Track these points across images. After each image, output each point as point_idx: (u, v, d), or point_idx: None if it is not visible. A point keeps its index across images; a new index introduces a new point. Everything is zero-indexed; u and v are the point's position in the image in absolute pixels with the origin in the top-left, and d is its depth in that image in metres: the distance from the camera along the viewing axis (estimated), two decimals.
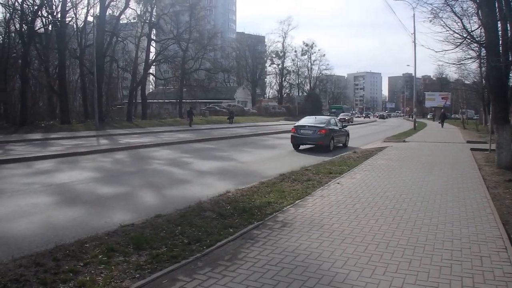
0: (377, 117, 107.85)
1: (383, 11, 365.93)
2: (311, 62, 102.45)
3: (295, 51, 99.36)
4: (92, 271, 4.63)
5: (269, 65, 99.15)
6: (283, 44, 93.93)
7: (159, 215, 6.86)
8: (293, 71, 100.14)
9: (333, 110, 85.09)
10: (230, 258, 5.02)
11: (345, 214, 7.07)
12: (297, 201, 7.97)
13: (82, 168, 13.66)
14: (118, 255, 5.10)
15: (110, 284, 4.29)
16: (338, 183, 10.11)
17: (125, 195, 9.41)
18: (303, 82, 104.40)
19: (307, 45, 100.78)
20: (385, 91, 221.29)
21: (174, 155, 17.27)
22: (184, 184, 10.86)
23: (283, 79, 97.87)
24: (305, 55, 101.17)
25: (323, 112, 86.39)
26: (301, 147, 19.73)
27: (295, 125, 19.98)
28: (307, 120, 20.67)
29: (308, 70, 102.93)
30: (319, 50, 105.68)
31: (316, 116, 22.84)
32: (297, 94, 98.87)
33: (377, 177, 11.00)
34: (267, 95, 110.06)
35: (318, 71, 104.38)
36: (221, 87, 77.48)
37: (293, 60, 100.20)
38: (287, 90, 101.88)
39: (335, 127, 20.52)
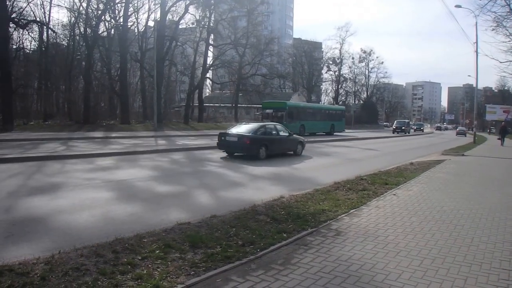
0: (435, 128, 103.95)
1: (444, 18, 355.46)
2: (368, 70, 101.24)
3: (353, 58, 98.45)
4: (149, 265, 4.76)
5: (326, 72, 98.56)
6: (340, 50, 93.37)
7: (215, 215, 6.97)
8: (350, 78, 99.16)
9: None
10: (283, 263, 5.03)
11: (400, 227, 6.91)
12: (351, 210, 7.87)
13: (140, 166, 14.14)
14: (174, 251, 5.22)
15: (166, 279, 4.39)
16: (394, 194, 9.90)
17: (181, 194, 9.67)
18: (359, 90, 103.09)
19: (365, 52, 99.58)
20: (444, 102, 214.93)
21: (228, 158, 17.45)
22: (237, 187, 10.98)
23: (339, 86, 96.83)
24: (362, 62, 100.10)
25: (379, 122, 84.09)
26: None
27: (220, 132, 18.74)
28: (237, 128, 18.62)
29: (365, 77, 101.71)
30: (377, 57, 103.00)
31: (249, 123, 20.57)
32: (353, 102, 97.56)
33: (434, 190, 10.67)
34: (322, 102, 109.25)
35: (376, 79, 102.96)
36: (277, 92, 77.57)
37: (350, 67, 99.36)
38: (343, 98, 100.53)
39: (274, 136, 18.68)
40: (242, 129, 18.14)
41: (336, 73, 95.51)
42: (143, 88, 52.21)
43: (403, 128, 61.35)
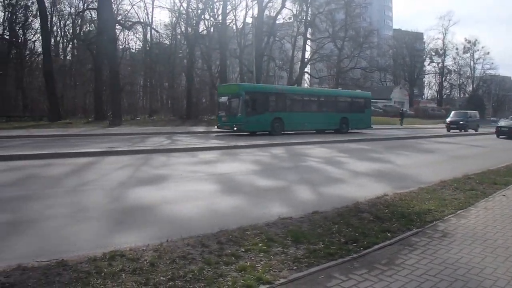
0: None
1: None
2: (474, 61, 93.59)
3: (457, 49, 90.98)
4: (252, 258, 4.83)
5: (428, 64, 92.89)
6: (443, 41, 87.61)
7: (317, 211, 6.91)
8: (454, 70, 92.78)
9: None
10: (387, 263, 4.88)
11: (510, 230, 6.40)
12: (459, 211, 7.41)
13: (241, 160, 14.51)
14: (277, 245, 5.26)
15: (269, 272, 4.43)
16: (504, 195, 9.18)
17: (281, 189, 9.72)
18: (464, 82, 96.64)
19: (469, 42, 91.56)
20: None
21: (329, 153, 17.33)
22: (338, 183, 10.83)
23: (443, 79, 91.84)
24: (467, 53, 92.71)
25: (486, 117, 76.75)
26: None
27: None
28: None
29: (470, 69, 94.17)
30: (482, 47, 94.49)
31: None
32: (458, 95, 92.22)
33: None
34: (425, 96, 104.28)
35: (482, 70, 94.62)
36: (377, 86, 75.60)
37: (454, 58, 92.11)
38: (447, 91, 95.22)
39: None
40: None
41: (440, 65, 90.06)
42: None
43: (461, 123, 40.96)
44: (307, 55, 57.48)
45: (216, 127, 28.13)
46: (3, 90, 43.52)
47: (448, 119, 42.75)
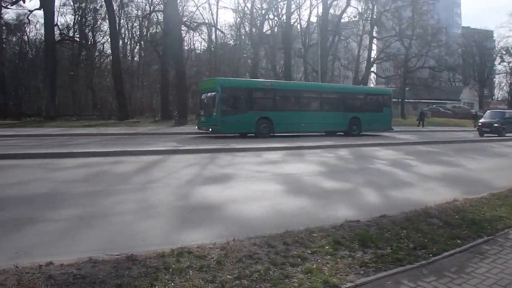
0: None
1: None
2: None
3: None
4: (319, 260, 4.80)
5: (499, 63, 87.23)
6: None
7: (384, 215, 6.78)
8: None
9: None
10: (456, 271, 4.72)
11: None
12: None
13: (307, 161, 14.46)
14: (343, 249, 5.20)
15: (335, 276, 4.40)
16: None
17: (347, 191, 9.61)
18: None
19: None
20: None
21: (396, 155, 16.96)
22: (406, 186, 10.54)
23: None
24: None
25: None
26: None
27: None
28: None
29: None
30: None
31: None
32: None
33: None
34: (496, 96, 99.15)
35: None
36: (446, 86, 72.80)
37: None
38: None
39: None
40: None
41: (511, 64, 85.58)
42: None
43: (495, 125, 31.36)
44: (373, 54, 56.56)
45: (197, 127, 25.91)
46: (74, 90, 45.87)
47: (481, 120, 33.17)
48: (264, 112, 24.02)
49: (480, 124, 32.95)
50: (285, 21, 44.43)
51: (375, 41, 56.04)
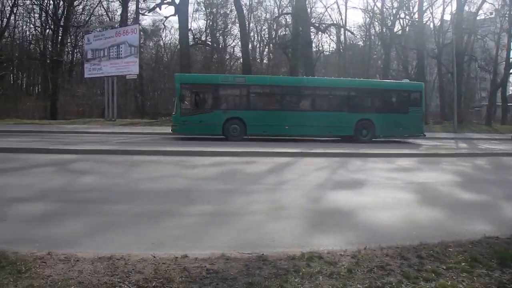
0: None
1: None
2: None
3: None
4: (454, 277, 4.54)
5: None
6: None
7: None
8: None
9: None
10: None
11: None
12: None
13: (441, 170, 13.76)
14: (481, 267, 4.85)
15: None
16: None
17: (485, 204, 8.97)
18: None
19: None
20: None
21: None
22: None
23: None
24: None
25: None
26: None
27: None
28: None
29: None
30: None
31: None
32: None
33: None
34: None
35: None
36: None
37: None
38: None
39: None
40: None
41: None
42: (441, 86, 50.37)
43: None
44: None
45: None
46: None
47: None
48: (234, 111, 21.05)
49: None
50: (417, 19, 42.69)
51: None
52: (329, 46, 63.14)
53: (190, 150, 15.38)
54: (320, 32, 48.53)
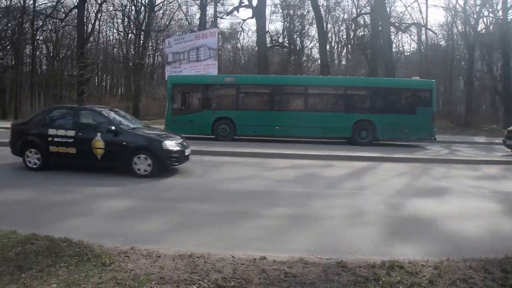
0: None
1: None
2: None
3: None
4: None
5: None
6: None
7: None
8: None
9: None
10: None
11: None
12: None
13: None
14: None
15: None
16: None
17: None
18: None
19: None
20: None
21: None
22: None
23: None
24: None
25: None
26: None
27: None
28: None
29: None
30: None
31: None
32: None
33: None
34: None
35: None
36: None
37: None
38: None
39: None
40: None
41: None
42: None
43: None
44: None
45: None
46: None
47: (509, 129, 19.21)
48: (223, 111, 21.05)
49: (507, 133, 19.22)
50: (501, 17, 40.22)
51: None
52: (410, 46, 61.07)
53: (268, 152, 15.61)
54: (400, 32, 47.28)
